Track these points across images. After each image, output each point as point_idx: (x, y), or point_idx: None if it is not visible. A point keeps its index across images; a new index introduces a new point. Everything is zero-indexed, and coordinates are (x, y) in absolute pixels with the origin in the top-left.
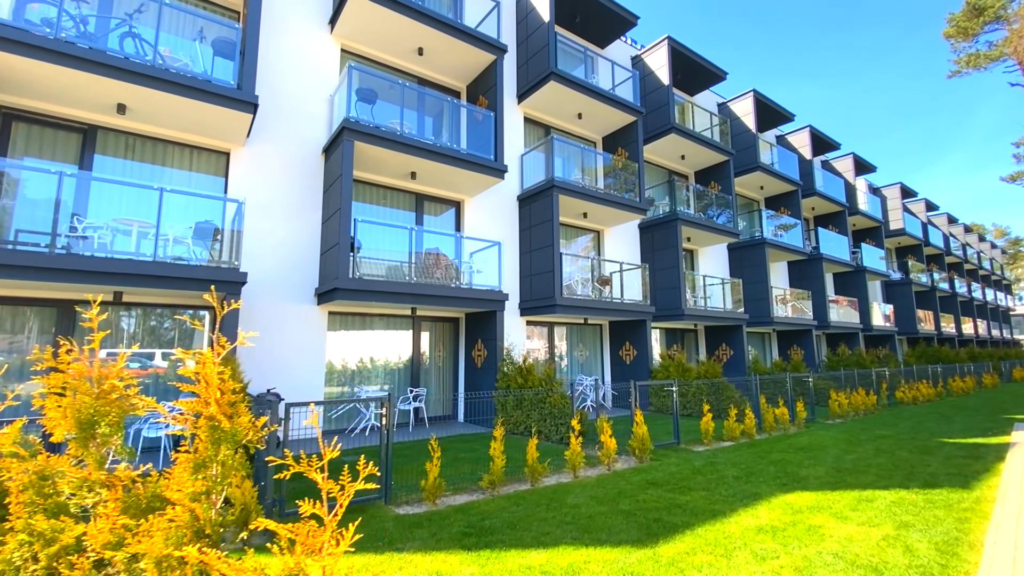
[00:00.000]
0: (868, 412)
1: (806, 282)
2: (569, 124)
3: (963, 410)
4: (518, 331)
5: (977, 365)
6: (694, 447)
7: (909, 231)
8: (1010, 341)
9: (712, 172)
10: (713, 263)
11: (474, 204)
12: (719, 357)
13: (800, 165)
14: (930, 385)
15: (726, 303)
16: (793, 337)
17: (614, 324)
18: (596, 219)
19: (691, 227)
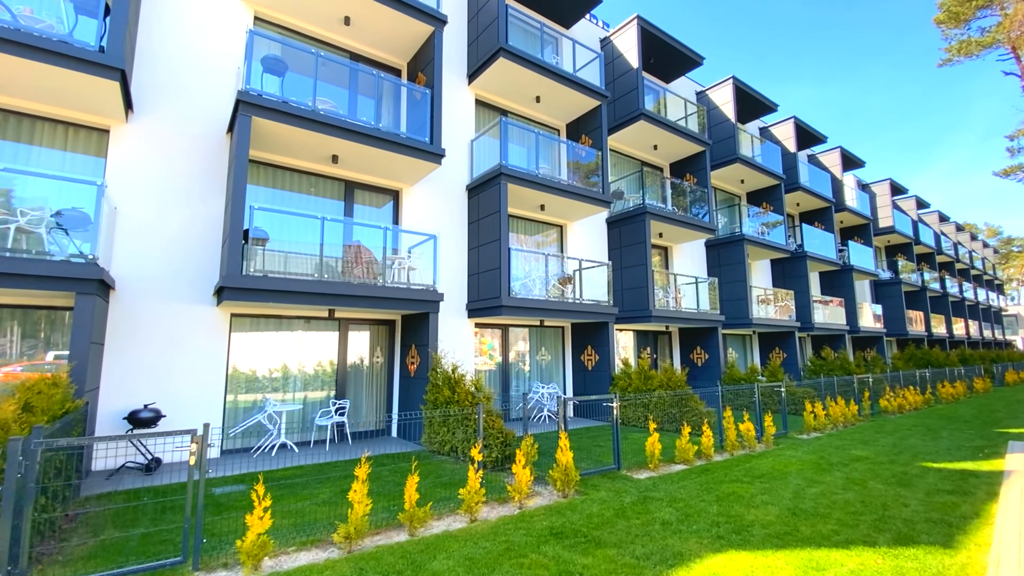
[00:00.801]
0: (848, 424)
1: (790, 281)
2: (527, 108)
3: (952, 421)
4: (464, 335)
5: (968, 368)
6: (637, 473)
7: (899, 229)
8: (1002, 342)
9: (688, 164)
10: (690, 261)
11: (414, 194)
12: (694, 361)
13: (784, 159)
14: (917, 392)
15: (700, 303)
16: (775, 339)
17: (576, 327)
18: (557, 212)
19: (662, 221)
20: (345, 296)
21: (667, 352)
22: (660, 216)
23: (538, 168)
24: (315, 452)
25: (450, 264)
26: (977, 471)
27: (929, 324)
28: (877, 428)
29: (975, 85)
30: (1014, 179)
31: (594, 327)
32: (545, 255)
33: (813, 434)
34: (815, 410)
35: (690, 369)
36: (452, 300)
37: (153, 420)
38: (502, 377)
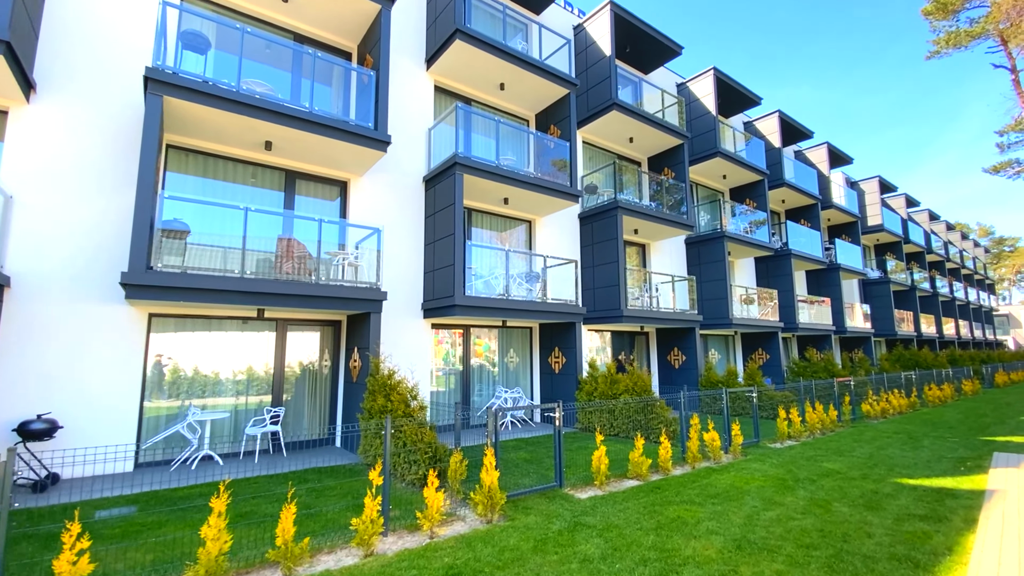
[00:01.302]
0: (826, 431)
1: (774, 281)
2: (492, 97)
3: (936, 428)
4: (419, 337)
5: (956, 370)
6: (580, 492)
7: (888, 227)
8: (993, 342)
9: (666, 158)
10: (669, 259)
11: (363, 185)
12: (671, 363)
13: (768, 154)
14: (902, 395)
15: (677, 303)
16: (758, 340)
17: (544, 328)
18: (524, 207)
19: (637, 217)
20: (274, 295)
21: (644, 354)
22: (634, 211)
23: (499, 159)
24: (243, 465)
25: (403, 261)
26: (956, 490)
27: (918, 324)
28: (856, 436)
29: (965, 88)
30: (1004, 176)
31: (562, 328)
32: (506, 251)
33: (787, 442)
34: (790, 416)
35: (667, 371)
36: (405, 299)
37: (48, 432)
38: (463, 381)
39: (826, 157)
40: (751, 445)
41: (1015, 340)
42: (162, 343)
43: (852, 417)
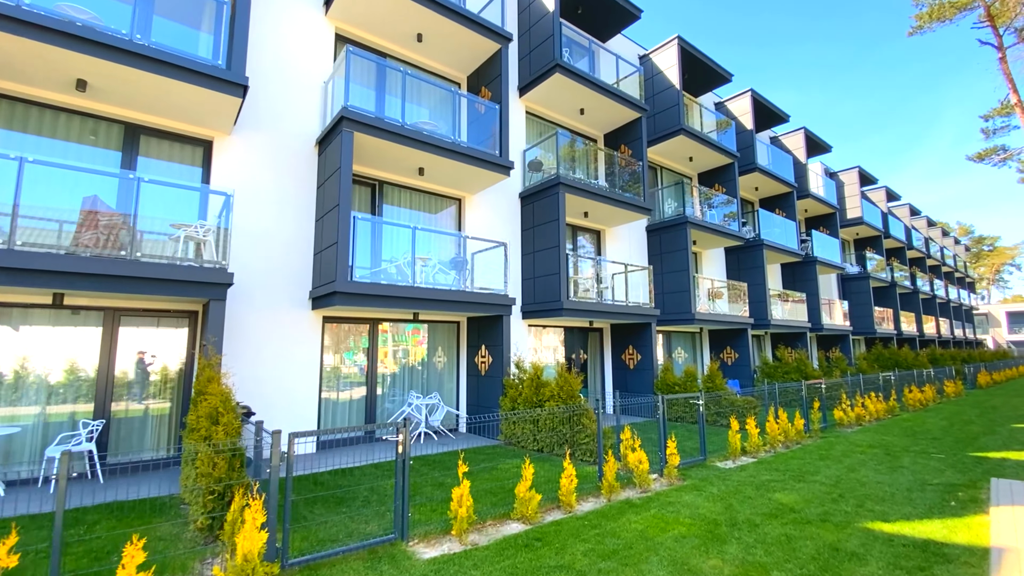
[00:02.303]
0: (790, 444)
1: (746, 273)
2: (410, 51)
3: (918, 439)
4: (304, 332)
5: (938, 370)
6: (428, 547)
7: (868, 220)
8: (973, 341)
9: (623, 134)
10: (627, 247)
11: (232, 146)
12: (625, 363)
13: (740, 137)
14: (880, 399)
15: (632, 295)
16: (727, 338)
17: (473, 323)
18: (448, 181)
19: (584, 196)
20: (69, 274)
21: (598, 352)
22: (579, 189)
23: (404, 119)
24: (36, 495)
25: (283, 239)
26: (948, 545)
27: (899, 322)
28: (824, 450)
29: (943, 93)
30: (989, 163)
31: (489, 323)
32: (412, 228)
33: (741, 460)
34: (747, 428)
35: (622, 372)
36: (286, 286)
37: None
38: (369, 386)
39: (803, 144)
40: (694, 465)
41: (994, 339)
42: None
43: (823, 425)
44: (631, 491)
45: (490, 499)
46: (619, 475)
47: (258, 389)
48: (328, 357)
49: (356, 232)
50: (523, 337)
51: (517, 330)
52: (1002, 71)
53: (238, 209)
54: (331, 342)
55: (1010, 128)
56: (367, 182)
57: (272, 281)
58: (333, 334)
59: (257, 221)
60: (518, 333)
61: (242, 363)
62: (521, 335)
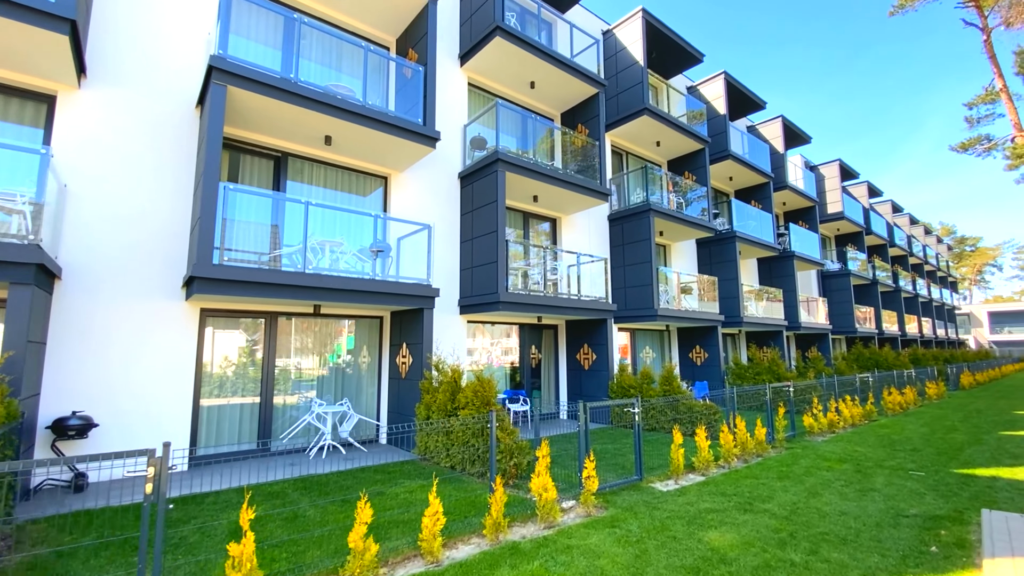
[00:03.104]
0: (748, 458)
1: (718, 267)
2: (324, 5)
3: (895, 450)
4: (178, 327)
5: (919, 371)
6: None
7: (849, 215)
8: (955, 341)
9: (580, 112)
10: (587, 237)
11: (84, 101)
12: (580, 363)
13: (713, 122)
14: (856, 402)
15: (584, 289)
16: (696, 336)
17: (396, 318)
18: (366, 154)
19: (530, 177)
20: None
21: (552, 351)
22: (524, 168)
23: (298, 75)
24: None
25: (151, 216)
26: None
27: (880, 321)
28: (786, 466)
29: (927, 99)
30: (973, 153)
31: (412, 317)
32: (304, 203)
33: (686, 479)
34: (697, 440)
35: (577, 374)
36: (153, 274)
37: None
38: (265, 391)
39: (780, 133)
40: (626, 487)
41: (976, 339)
42: None
43: (790, 434)
44: (532, 527)
45: (338, 542)
46: (527, 504)
47: (108, 395)
48: (212, 356)
49: (226, 206)
50: (460, 335)
51: (451, 327)
52: (986, 54)
53: (85, 181)
54: (218, 339)
55: (995, 116)
56: (266, 153)
57: (133, 266)
58: (220, 330)
59: (115, 195)
60: (453, 331)
61: (88, 365)
62: (457, 333)
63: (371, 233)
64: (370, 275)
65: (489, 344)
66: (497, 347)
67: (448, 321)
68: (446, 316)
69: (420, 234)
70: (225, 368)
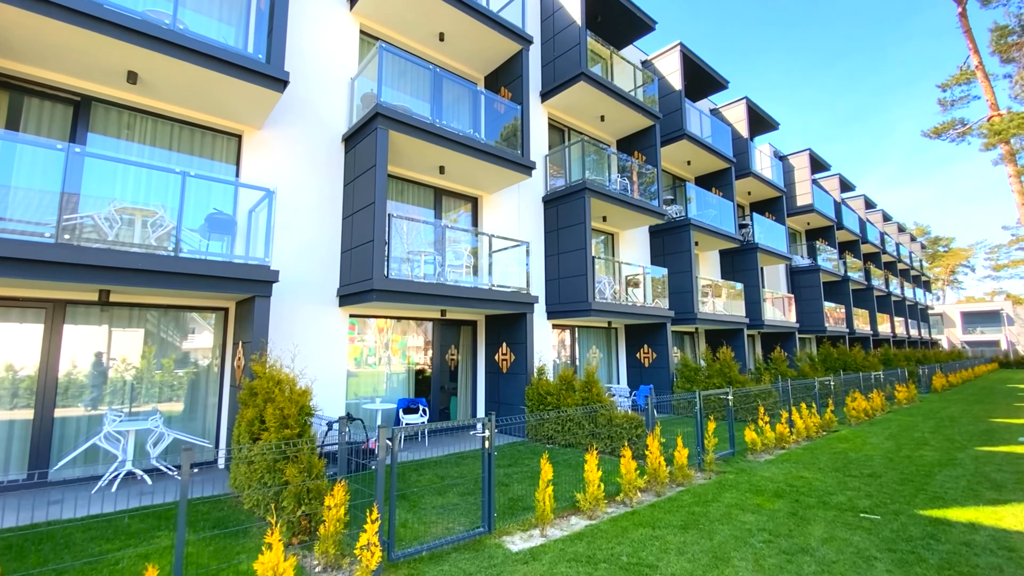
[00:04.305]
0: (661, 489)
1: (671, 259)
2: (429, 48)
3: (849, 476)
4: None
5: (889, 372)
6: None
7: (819, 209)
8: (928, 341)
9: (504, 74)
10: (514, 221)
11: None
12: (499, 365)
13: (668, 99)
14: (814, 411)
15: (501, 277)
16: (645, 334)
17: (243, 311)
18: (212, 106)
19: (429, 141)
20: None
21: (470, 352)
22: (416, 129)
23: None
24: None
25: None
26: None
27: (851, 320)
28: (699, 507)
29: (901, 108)
30: (946, 139)
31: (246, 307)
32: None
33: (560, 527)
34: (587, 470)
35: (495, 377)
36: None
37: None
38: (42, 400)
39: (745, 116)
40: (462, 544)
41: (948, 340)
42: None
43: (726, 452)
44: None
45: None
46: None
47: None
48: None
49: None
50: (336, 332)
51: (321, 321)
52: (961, 28)
53: None
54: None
55: (970, 98)
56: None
57: None
58: None
59: None
60: (326, 326)
61: None
62: (334, 329)
63: (218, 200)
64: (197, 255)
65: (383, 342)
66: (396, 347)
67: (315, 313)
68: (317, 308)
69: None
70: None
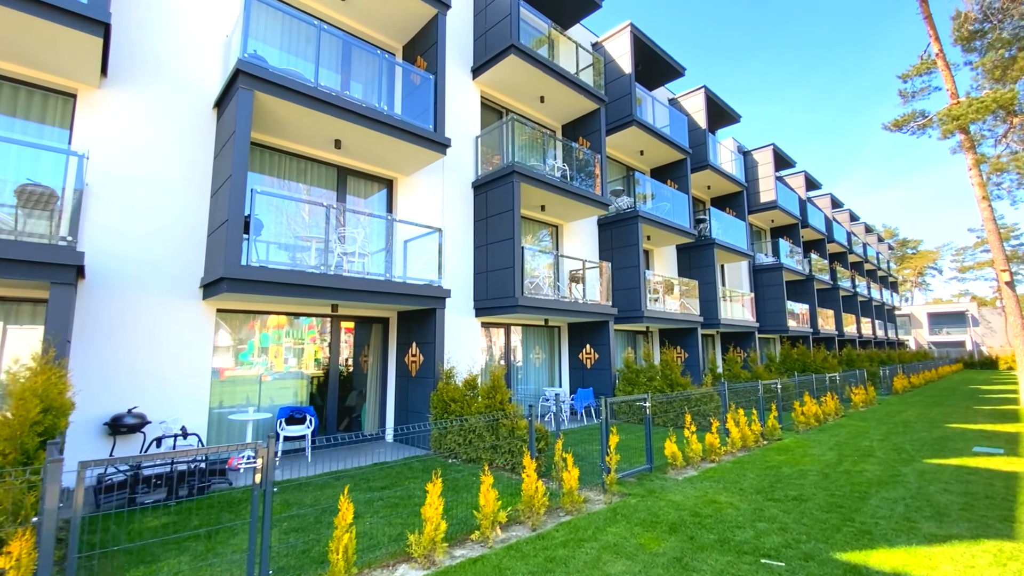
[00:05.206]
0: (537, 521)
1: (619, 253)
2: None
3: (769, 502)
4: None
5: (848, 374)
6: None
7: (783, 205)
8: (895, 342)
9: (420, 42)
10: (438, 206)
11: None
12: (408, 367)
13: (617, 84)
14: (755, 418)
15: (411, 267)
16: (588, 333)
17: None
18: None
19: (326, 112)
20: None
21: (380, 353)
22: (295, 94)
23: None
24: None
25: None
26: None
27: (815, 319)
28: (572, 547)
29: (872, 116)
30: (906, 132)
31: None
32: None
33: None
34: (426, 505)
35: (404, 382)
36: None
37: None
38: None
39: (703, 106)
40: None
41: (916, 340)
42: None
43: (645, 467)
44: None
45: None
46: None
47: None
48: None
49: None
50: (196, 329)
51: (178, 317)
52: (922, 14)
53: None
54: None
55: (931, 89)
56: None
57: None
58: None
59: None
60: (183, 322)
61: None
62: (191, 326)
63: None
64: None
65: (279, 342)
66: (288, 347)
67: (168, 307)
68: (170, 300)
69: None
70: None
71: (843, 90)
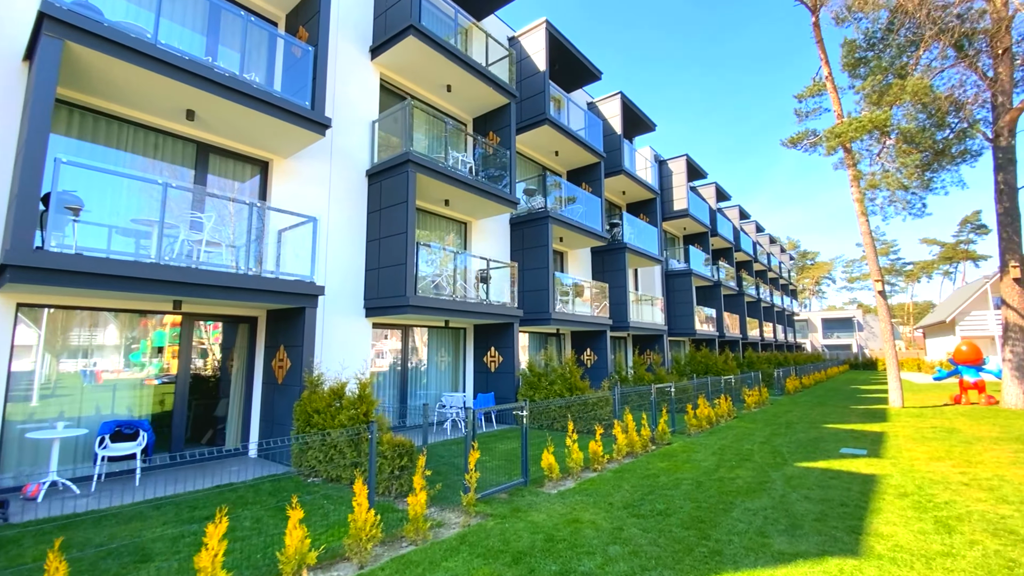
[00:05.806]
0: (395, 546)
1: (530, 254)
2: None
3: (634, 518)
4: None
5: (745, 375)
6: None
7: (694, 214)
8: (794, 345)
9: (303, 10)
10: (325, 195)
11: None
12: (274, 371)
13: (530, 81)
14: (644, 423)
15: (285, 262)
16: (494, 335)
17: None
18: None
19: (130, 61)
20: None
21: (247, 357)
22: (118, 47)
23: None
24: None
25: None
26: None
27: (721, 323)
28: None
29: (783, 135)
30: (801, 149)
31: None
32: None
33: None
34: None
35: (270, 389)
36: None
37: None
38: None
39: (619, 111)
40: None
41: (812, 343)
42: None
43: (520, 481)
44: None
45: None
46: None
47: None
48: None
49: None
50: None
51: None
52: (814, 38)
53: None
54: None
55: (822, 110)
56: None
57: None
58: None
59: None
60: None
61: None
62: None
63: None
64: None
65: (116, 343)
66: (126, 348)
67: None
68: None
69: None
70: None
71: (760, 110)
